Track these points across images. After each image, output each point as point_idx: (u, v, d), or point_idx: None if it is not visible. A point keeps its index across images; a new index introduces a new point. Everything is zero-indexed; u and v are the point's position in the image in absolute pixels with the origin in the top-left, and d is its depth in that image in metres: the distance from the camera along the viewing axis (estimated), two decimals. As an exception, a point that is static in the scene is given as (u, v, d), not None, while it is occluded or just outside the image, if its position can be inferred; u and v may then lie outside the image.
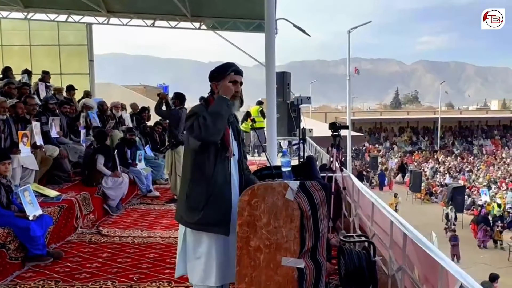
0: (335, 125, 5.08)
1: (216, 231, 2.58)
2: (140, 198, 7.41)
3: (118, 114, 8.89)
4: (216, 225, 2.56)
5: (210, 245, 2.59)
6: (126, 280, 3.93)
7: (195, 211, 2.58)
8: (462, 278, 2.20)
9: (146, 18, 12.53)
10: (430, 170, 30.97)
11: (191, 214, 2.60)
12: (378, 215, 4.08)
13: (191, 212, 2.60)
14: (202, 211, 2.56)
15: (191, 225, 2.63)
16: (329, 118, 37.09)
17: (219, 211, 2.56)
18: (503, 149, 38.33)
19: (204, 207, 2.56)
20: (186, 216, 2.64)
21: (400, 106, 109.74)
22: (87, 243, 5.05)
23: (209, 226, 2.57)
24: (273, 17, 7.08)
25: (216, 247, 2.59)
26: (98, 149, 6.32)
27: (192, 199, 2.62)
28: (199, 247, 2.61)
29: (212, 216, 2.55)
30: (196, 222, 2.59)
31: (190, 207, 2.62)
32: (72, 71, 14.13)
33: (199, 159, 2.59)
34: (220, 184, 2.58)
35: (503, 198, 22.26)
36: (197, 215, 2.57)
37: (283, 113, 10.00)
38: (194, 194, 2.61)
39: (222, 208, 2.56)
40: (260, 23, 11.37)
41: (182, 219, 2.69)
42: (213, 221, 2.56)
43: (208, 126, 2.44)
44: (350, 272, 3.28)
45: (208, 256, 2.59)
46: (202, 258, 2.60)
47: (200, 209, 2.57)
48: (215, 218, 2.55)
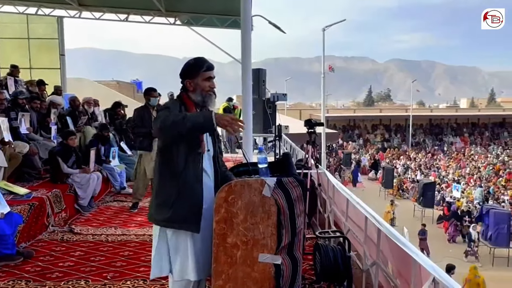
0: (311, 122, 5.10)
1: (185, 228, 2.54)
2: (113, 196, 7.30)
3: (90, 110, 8.72)
4: (185, 222, 2.52)
5: (186, 240, 2.56)
6: (99, 279, 3.86)
7: (164, 208, 2.55)
8: (435, 271, 2.25)
9: (119, 12, 12.29)
10: (402, 166, 31.60)
11: (161, 211, 2.57)
12: (353, 211, 4.14)
13: (161, 209, 2.57)
14: (171, 208, 2.52)
15: (160, 223, 2.60)
16: (304, 115, 37.39)
17: (188, 208, 2.52)
18: (472, 147, 39.48)
19: (173, 204, 2.52)
20: (156, 213, 2.61)
21: (373, 104, 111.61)
22: (59, 241, 4.94)
23: (178, 223, 2.53)
24: (249, 13, 7.06)
25: (193, 242, 2.57)
26: (57, 152, 6.15)
27: (161, 196, 2.59)
28: (175, 243, 2.58)
29: (181, 213, 2.51)
30: (165, 219, 2.55)
31: (159, 204, 2.59)
32: (42, 65, 13.76)
33: (168, 155, 2.54)
34: (190, 180, 2.54)
35: (471, 194, 22.95)
36: (166, 212, 2.54)
37: (258, 110, 10.04)
38: (163, 191, 2.58)
39: (192, 205, 2.53)
40: (235, 19, 11.33)
41: (152, 216, 2.66)
42: (182, 218, 2.52)
43: (178, 124, 2.34)
44: (325, 268, 3.31)
45: (185, 252, 2.56)
46: (179, 253, 2.58)
47: (170, 206, 2.53)
48: (184, 215, 2.52)
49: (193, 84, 2.61)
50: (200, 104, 2.63)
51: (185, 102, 2.61)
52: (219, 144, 2.86)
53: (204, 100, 2.62)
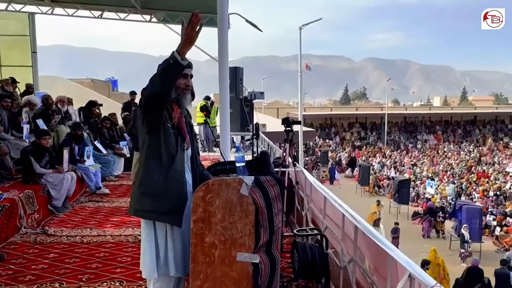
0: (288, 120, 5.11)
1: (168, 220, 2.49)
2: (88, 196, 7.16)
3: (64, 109, 8.53)
4: (169, 214, 2.47)
5: (166, 235, 2.52)
6: (74, 281, 3.78)
7: (148, 197, 2.48)
8: (411, 267, 2.29)
9: (93, 9, 12.05)
10: (377, 164, 32.06)
11: (144, 200, 2.50)
12: (330, 208, 4.17)
13: (144, 198, 2.50)
14: (155, 198, 2.46)
15: (140, 213, 2.53)
16: (281, 114, 37.55)
17: (174, 200, 2.47)
18: (445, 144, 40.38)
19: (159, 195, 2.46)
20: (137, 203, 2.54)
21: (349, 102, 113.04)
22: (32, 243, 4.82)
23: (162, 215, 2.48)
24: (225, 11, 7.01)
25: (173, 238, 2.53)
26: (30, 151, 5.99)
27: (146, 185, 2.51)
28: (159, 237, 2.53)
29: (166, 205, 2.46)
30: (148, 209, 2.49)
31: (142, 193, 2.51)
32: (13, 63, 13.34)
33: (155, 149, 2.48)
34: (176, 175, 2.50)
35: (444, 190, 23.48)
36: (149, 201, 2.48)
37: (236, 109, 10.03)
38: (148, 181, 2.50)
39: (177, 198, 2.49)
40: (212, 17, 11.25)
41: (131, 207, 2.59)
42: (167, 210, 2.46)
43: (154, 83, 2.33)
44: (303, 265, 3.32)
45: (165, 246, 2.52)
46: (161, 247, 2.53)
47: (154, 195, 2.47)
48: (169, 207, 2.46)
49: None
50: (174, 102, 2.59)
51: None
52: (197, 144, 2.85)
53: (179, 98, 2.58)
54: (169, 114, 2.51)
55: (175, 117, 2.55)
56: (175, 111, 2.56)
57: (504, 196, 22.43)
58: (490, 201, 21.70)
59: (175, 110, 2.56)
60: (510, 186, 24.81)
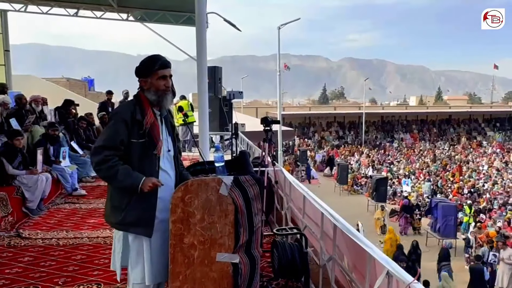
0: (267, 120, 5.12)
1: (138, 232, 2.50)
2: (65, 197, 7.02)
3: (38, 109, 8.34)
4: (138, 225, 2.48)
5: (142, 243, 2.51)
6: (50, 285, 3.70)
7: (118, 211, 2.50)
8: (388, 265, 2.32)
9: (68, 7, 11.79)
10: (355, 163, 32.41)
11: (115, 214, 2.52)
12: (309, 207, 4.19)
13: (115, 212, 2.52)
14: (124, 211, 2.48)
15: (115, 225, 2.57)
16: (260, 113, 37.61)
17: (140, 212, 2.47)
18: (421, 142, 41.14)
19: (126, 207, 2.48)
20: (111, 216, 2.57)
21: (328, 102, 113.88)
22: (6, 247, 4.69)
23: (131, 226, 2.49)
24: (203, 10, 6.99)
25: (150, 245, 2.51)
26: (1, 152, 5.82)
27: (115, 198, 2.54)
28: (133, 245, 2.52)
29: (134, 216, 2.47)
30: (119, 222, 2.51)
31: (113, 207, 2.55)
32: (-15, 61, 13.00)
33: (122, 156, 2.47)
34: None
35: (420, 188, 23.91)
36: (119, 215, 2.49)
37: (215, 108, 9.98)
38: (117, 193, 2.53)
39: (143, 210, 2.48)
40: (190, 16, 11.20)
41: (107, 218, 2.61)
42: (135, 221, 2.47)
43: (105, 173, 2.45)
44: (283, 265, 3.33)
45: (141, 255, 2.50)
46: (136, 256, 2.52)
47: (123, 208, 2.48)
48: (137, 219, 2.47)
49: (147, 83, 2.55)
50: (155, 103, 2.56)
51: (142, 100, 2.54)
52: (179, 143, 2.81)
53: (159, 100, 2.56)
54: (139, 124, 2.48)
55: (148, 123, 2.50)
56: (149, 116, 2.52)
57: (478, 193, 22.98)
58: (464, 198, 22.18)
59: (149, 115, 2.52)
60: (483, 184, 25.45)
